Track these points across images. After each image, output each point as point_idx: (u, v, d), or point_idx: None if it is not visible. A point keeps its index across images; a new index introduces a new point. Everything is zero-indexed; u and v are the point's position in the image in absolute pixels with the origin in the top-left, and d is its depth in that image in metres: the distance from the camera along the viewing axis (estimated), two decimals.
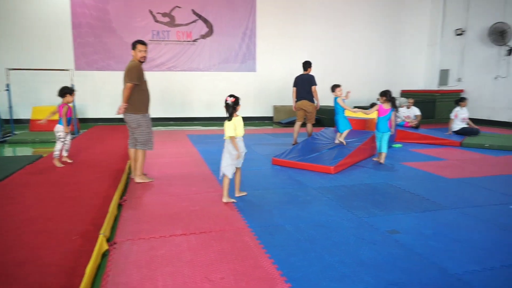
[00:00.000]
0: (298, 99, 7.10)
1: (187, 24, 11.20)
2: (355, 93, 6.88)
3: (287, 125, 10.72)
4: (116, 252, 2.69)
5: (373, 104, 5.82)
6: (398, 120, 8.53)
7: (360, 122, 7.09)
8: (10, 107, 8.47)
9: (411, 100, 9.15)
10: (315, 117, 7.31)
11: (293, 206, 3.75)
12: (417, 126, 8.61)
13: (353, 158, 5.56)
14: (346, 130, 5.99)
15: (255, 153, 6.32)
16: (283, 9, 11.75)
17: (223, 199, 3.80)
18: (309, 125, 7.21)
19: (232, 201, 3.81)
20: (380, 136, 5.64)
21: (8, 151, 6.88)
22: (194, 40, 11.30)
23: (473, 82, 11.41)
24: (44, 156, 5.79)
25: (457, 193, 4.22)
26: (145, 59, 4.37)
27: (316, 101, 7.10)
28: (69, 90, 5.05)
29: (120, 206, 3.71)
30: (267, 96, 11.94)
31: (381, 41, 12.67)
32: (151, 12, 10.89)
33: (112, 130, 8.85)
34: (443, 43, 12.47)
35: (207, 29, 11.34)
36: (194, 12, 11.20)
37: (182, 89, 11.39)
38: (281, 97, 11.91)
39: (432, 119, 11.27)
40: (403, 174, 5.08)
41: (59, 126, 5.03)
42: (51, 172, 4.66)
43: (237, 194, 3.98)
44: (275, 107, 11.83)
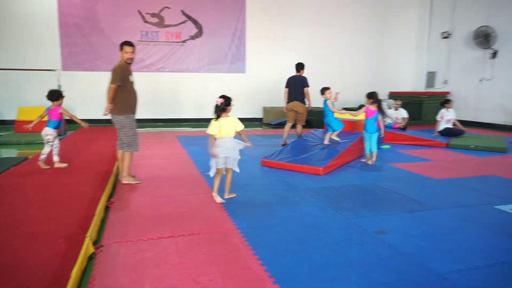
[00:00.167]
0: (290, 100, 7.14)
1: (177, 24, 11.15)
2: (343, 95, 6.95)
3: (277, 126, 10.74)
4: (103, 255, 2.66)
5: (362, 106, 5.90)
6: (388, 121, 8.64)
7: (348, 123, 7.16)
8: None
9: (399, 102, 9.27)
10: (305, 118, 7.35)
11: (282, 207, 3.76)
12: (404, 128, 8.73)
13: (341, 159, 5.60)
14: (340, 128, 6.15)
15: (245, 155, 6.31)
16: (272, 11, 11.78)
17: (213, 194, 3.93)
18: (299, 127, 7.25)
19: (221, 201, 3.81)
20: (369, 137, 5.71)
21: None
22: (184, 41, 11.25)
23: (459, 84, 11.62)
24: (30, 157, 5.69)
25: (443, 193, 4.28)
26: (132, 60, 4.34)
27: (308, 102, 7.15)
28: (61, 93, 5.01)
29: (107, 208, 3.66)
30: (256, 97, 11.95)
31: (369, 43, 12.81)
32: (140, 13, 10.81)
33: (99, 131, 8.74)
34: (430, 46, 12.68)
35: (196, 30, 11.31)
36: (183, 13, 11.15)
37: (171, 90, 11.33)
38: (270, 99, 11.94)
39: (419, 120, 11.43)
40: (390, 175, 5.14)
41: (48, 129, 4.90)
42: (37, 174, 4.58)
43: (227, 196, 3.97)
44: (264, 109, 11.85)
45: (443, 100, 8.65)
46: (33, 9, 10.13)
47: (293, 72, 7.34)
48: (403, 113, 9.06)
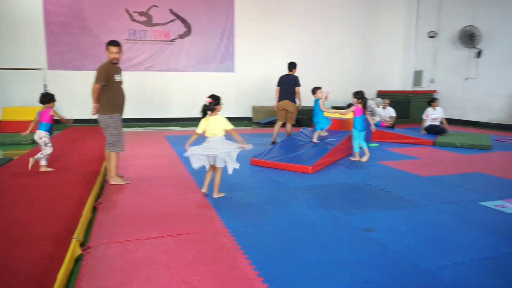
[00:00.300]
0: (281, 99, 7.17)
1: (165, 23, 11.06)
2: (331, 94, 6.99)
3: (266, 125, 10.75)
4: (90, 256, 2.62)
5: (350, 105, 6.00)
6: (377, 119, 8.76)
7: (337, 122, 7.21)
8: None
9: (387, 101, 9.38)
10: (296, 117, 7.38)
11: (271, 206, 3.77)
12: (392, 126, 8.83)
13: (330, 158, 5.64)
14: (328, 125, 6.29)
15: None
16: (261, 10, 11.78)
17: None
18: (288, 125, 7.27)
19: (204, 192, 4.00)
20: (358, 135, 5.82)
21: None
22: (172, 40, 11.17)
23: (445, 83, 11.80)
24: (15, 158, 5.58)
25: (430, 191, 4.35)
26: (118, 60, 4.29)
27: (298, 102, 7.18)
28: (53, 96, 4.95)
29: (95, 209, 3.62)
30: (246, 96, 11.93)
31: (358, 42, 12.91)
32: (127, 11, 10.69)
33: (86, 131, 8.63)
34: (417, 45, 12.84)
35: (185, 29, 11.24)
36: (171, 12, 11.07)
37: (159, 90, 11.23)
38: (260, 98, 11.94)
39: (406, 119, 11.57)
40: (379, 173, 5.19)
41: (41, 132, 4.79)
42: (22, 175, 4.49)
43: (215, 195, 3.96)
44: (254, 108, 11.85)
45: (430, 99, 8.78)
46: (18, 7, 9.92)
47: (282, 71, 7.35)
48: (390, 112, 9.17)
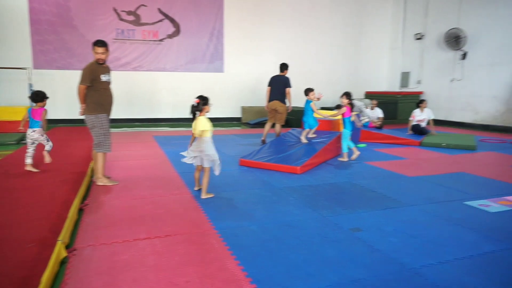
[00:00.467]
0: (271, 99, 7.20)
1: (153, 23, 10.98)
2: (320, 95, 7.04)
3: (255, 126, 10.76)
4: (76, 259, 2.59)
5: (339, 106, 6.09)
6: (366, 120, 8.86)
7: (325, 123, 7.26)
8: None
9: (375, 102, 9.48)
10: (285, 118, 7.41)
11: (259, 206, 3.78)
12: (380, 127, 8.94)
13: (319, 158, 5.68)
14: (316, 126, 6.38)
15: (223, 154, 6.29)
16: (250, 11, 11.79)
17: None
18: (277, 126, 7.30)
19: (196, 189, 4.18)
20: (347, 135, 5.94)
21: None
22: (161, 40, 11.09)
23: (431, 84, 12.00)
24: None
25: (416, 190, 4.41)
26: (103, 61, 4.24)
27: (288, 102, 7.22)
28: (45, 94, 4.85)
29: (81, 210, 3.57)
30: (235, 96, 11.93)
31: (346, 44, 13.03)
32: (115, 10, 10.57)
33: (73, 131, 8.51)
34: (404, 47, 13.03)
35: (174, 29, 11.17)
36: (160, 11, 11.00)
37: (148, 90, 11.15)
38: (249, 98, 11.95)
39: (394, 119, 11.72)
40: (366, 173, 5.25)
41: (39, 129, 4.71)
42: (6, 176, 4.40)
43: (203, 196, 3.95)
44: (243, 108, 11.85)
45: (419, 101, 8.93)
46: (2, 5, 9.73)
47: (271, 71, 7.39)
48: (378, 113, 9.28)
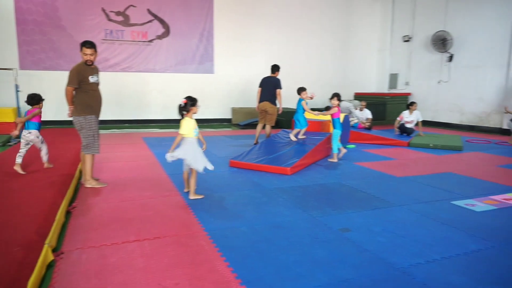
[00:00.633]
0: (261, 100, 7.22)
1: (143, 24, 10.90)
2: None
3: (246, 127, 10.76)
4: (63, 262, 2.55)
5: (328, 107, 6.15)
6: (355, 121, 8.93)
7: (315, 124, 7.29)
8: None
9: (364, 103, 9.56)
10: (276, 119, 7.44)
11: (250, 207, 3.78)
12: (369, 128, 9.02)
13: (309, 159, 5.70)
14: (306, 127, 6.39)
15: (213, 156, 6.28)
16: (240, 12, 11.80)
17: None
18: (267, 127, 7.32)
19: (186, 191, 4.16)
20: (338, 135, 6.00)
21: None
22: (150, 41, 11.02)
23: (419, 85, 12.17)
24: None
25: (405, 191, 4.47)
26: (91, 62, 4.20)
27: (279, 104, 7.24)
28: (41, 97, 4.88)
29: (69, 213, 3.53)
30: (225, 98, 11.91)
31: (335, 45, 13.13)
32: (103, 10, 10.46)
33: (62, 133, 8.38)
34: (392, 49, 13.19)
35: (163, 30, 11.11)
36: (149, 12, 10.93)
37: (137, 91, 11.05)
38: (239, 99, 11.95)
39: (383, 120, 11.85)
40: (355, 174, 5.29)
41: (36, 131, 4.72)
42: None
43: (192, 197, 3.94)
44: (233, 109, 11.84)
45: (409, 103, 9.05)
46: None
47: (262, 73, 7.41)
48: (367, 114, 9.36)
